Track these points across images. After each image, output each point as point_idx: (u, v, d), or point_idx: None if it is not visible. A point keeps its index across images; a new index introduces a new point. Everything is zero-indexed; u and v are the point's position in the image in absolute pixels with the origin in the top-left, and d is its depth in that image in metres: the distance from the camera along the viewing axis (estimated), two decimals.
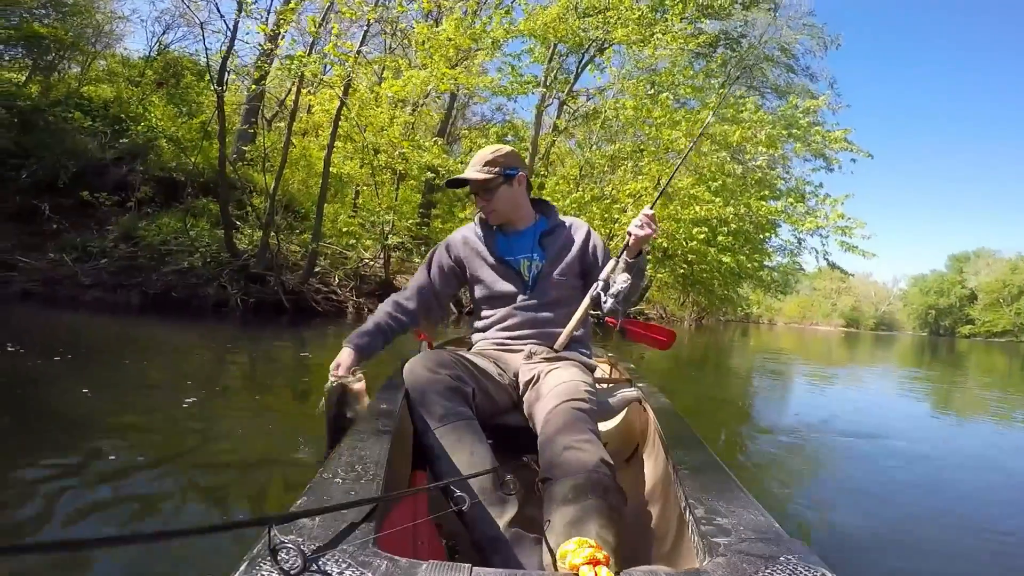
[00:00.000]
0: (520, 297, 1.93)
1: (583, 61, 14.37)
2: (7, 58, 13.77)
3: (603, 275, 1.88)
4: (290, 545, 0.77)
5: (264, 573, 0.75)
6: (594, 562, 0.91)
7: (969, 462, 3.82)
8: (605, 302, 1.86)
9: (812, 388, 7.95)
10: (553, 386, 1.63)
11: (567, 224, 2.03)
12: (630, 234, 1.83)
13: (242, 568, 0.76)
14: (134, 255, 9.44)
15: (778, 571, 0.81)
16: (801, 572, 0.81)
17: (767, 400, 6.38)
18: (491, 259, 1.97)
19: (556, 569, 1.03)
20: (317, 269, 11.02)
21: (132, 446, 2.82)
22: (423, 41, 9.77)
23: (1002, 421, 6.03)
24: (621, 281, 1.84)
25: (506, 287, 1.94)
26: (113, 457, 2.62)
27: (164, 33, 18.93)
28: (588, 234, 2.02)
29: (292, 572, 0.76)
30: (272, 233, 10.06)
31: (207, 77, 11.48)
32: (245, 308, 9.17)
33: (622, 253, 1.86)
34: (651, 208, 1.86)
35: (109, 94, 14.05)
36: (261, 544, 0.79)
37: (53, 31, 13.10)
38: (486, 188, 1.93)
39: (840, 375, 10.18)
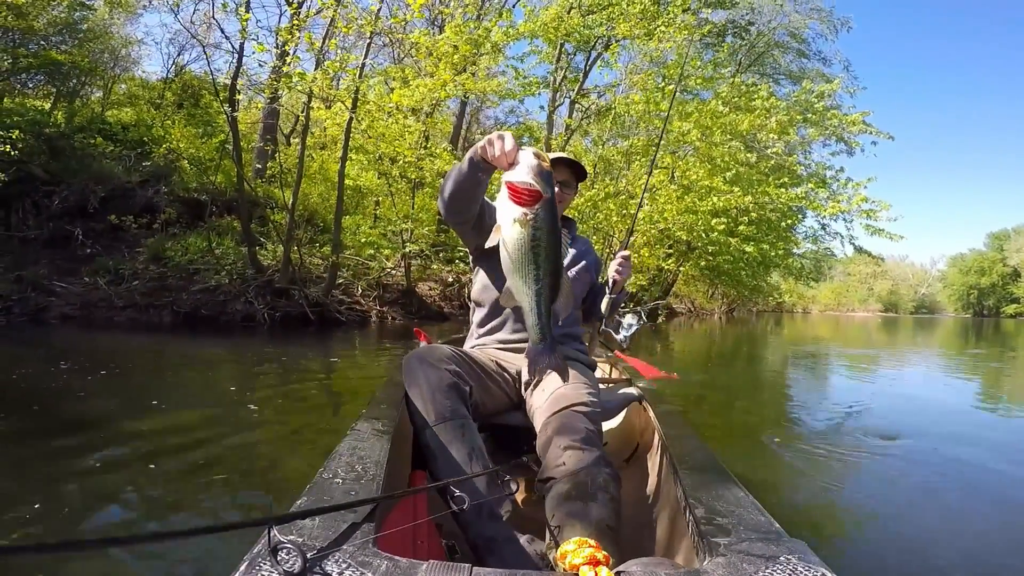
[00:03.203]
0: None
1: (591, 58, 14.41)
2: (31, 85, 14.15)
3: (603, 310, 2.07)
4: (290, 545, 0.78)
5: (264, 573, 0.76)
6: (594, 562, 0.91)
7: (1009, 459, 3.56)
8: (623, 340, 2.16)
9: (845, 380, 7.70)
10: (555, 388, 1.63)
11: (582, 240, 2.16)
12: (613, 279, 2.05)
13: (242, 568, 0.77)
14: (163, 275, 9.77)
15: (778, 571, 0.81)
16: (801, 572, 0.81)
17: (795, 396, 6.23)
18: None
19: (556, 569, 1.04)
20: (340, 280, 11.24)
21: (163, 449, 3.01)
22: (428, 51, 9.91)
23: None
24: (629, 324, 2.13)
25: None
26: (143, 458, 2.84)
27: (179, 54, 19.39)
28: (595, 253, 2.15)
29: (292, 572, 0.76)
30: (294, 248, 10.32)
31: (221, 97, 11.86)
32: (272, 322, 9.43)
33: (613, 292, 2.07)
34: (625, 249, 2.09)
35: (131, 118, 14.35)
36: (261, 544, 0.80)
37: (71, 57, 13.51)
38: (571, 184, 2.03)
39: (876, 365, 9.83)
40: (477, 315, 2.01)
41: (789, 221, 17.72)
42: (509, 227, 1.28)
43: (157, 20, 44.29)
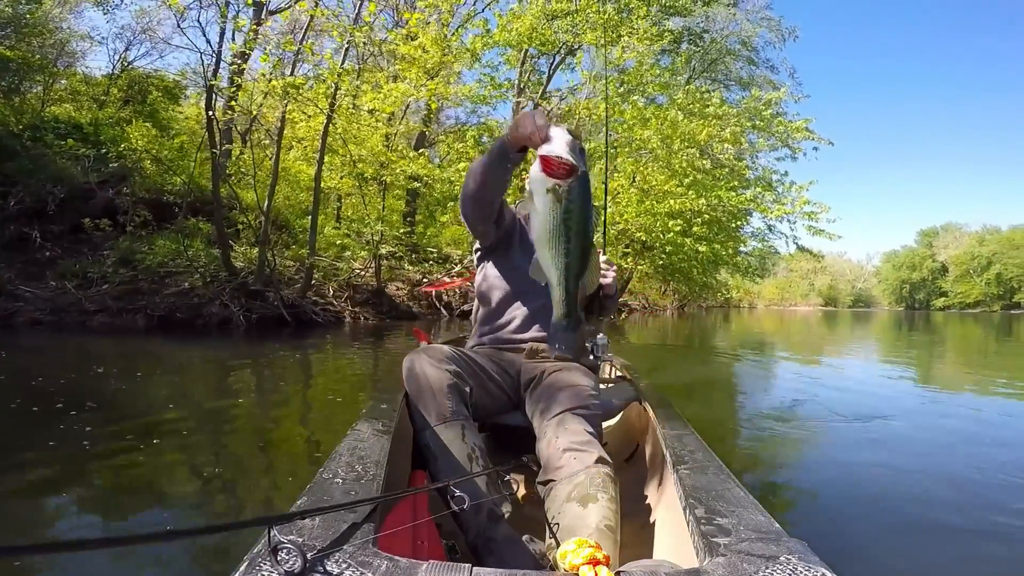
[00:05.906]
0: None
1: (554, 63, 14.84)
2: None
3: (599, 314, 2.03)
4: (290, 545, 0.78)
5: (264, 573, 0.76)
6: (594, 562, 0.92)
7: (970, 440, 3.64)
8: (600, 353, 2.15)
9: (794, 372, 7.74)
10: (556, 390, 1.64)
11: None
12: (600, 284, 1.94)
13: (242, 568, 0.77)
14: (134, 279, 9.67)
15: (778, 571, 0.81)
16: (801, 572, 0.81)
17: (748, 387, 6.44)
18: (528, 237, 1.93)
19: (556, 569, 1.04)
20: (312, 282, 11.34)
21: (158, 450, 3.04)
22: (403, 56, 10.12)
23: (994, 395, 5.82)
24: (601, 338, 2.13)
25: None
26: (138, 460, 2.87)
27: (127, 50, 18.74)
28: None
29: (292, 572, 0.76)
30: (268, 249, 10.37)
31: (195, 99, 11.61)
32: (248, 324, 9.48)
33: (606, 303, 2.01)
34: (604, 254, 2.05)
35: (77, 116, 13.79)
36: (261, 544, 0.80)
37: (18, 53, 12.90)
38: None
39: (821, 356, 10.33)
40: (481, 311, 1.98)
41: (738, 222, 18.61)
42: (542, 197, 1.28)
43: (101, 13, 41.85)
